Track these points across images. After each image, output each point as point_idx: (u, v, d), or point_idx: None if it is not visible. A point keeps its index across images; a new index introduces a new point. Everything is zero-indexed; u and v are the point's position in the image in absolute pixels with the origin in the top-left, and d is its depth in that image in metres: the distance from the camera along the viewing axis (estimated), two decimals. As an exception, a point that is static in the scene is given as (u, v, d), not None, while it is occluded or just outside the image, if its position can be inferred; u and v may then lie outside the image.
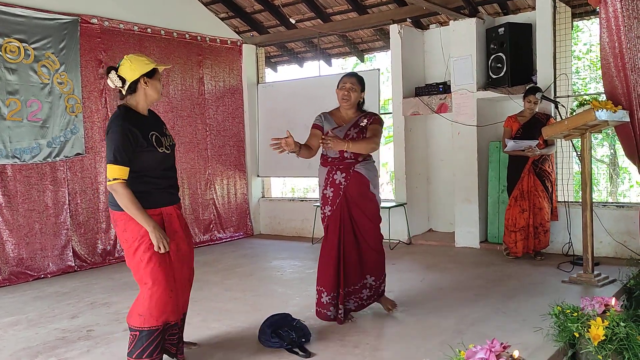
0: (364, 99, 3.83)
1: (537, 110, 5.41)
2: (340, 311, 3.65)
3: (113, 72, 2.90)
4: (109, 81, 2.93)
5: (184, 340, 3.23)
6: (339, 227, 3.67)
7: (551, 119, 5.39)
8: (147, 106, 3.02)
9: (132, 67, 2.89)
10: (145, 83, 2.93)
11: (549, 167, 5.39)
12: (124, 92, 2.94)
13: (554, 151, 5.42)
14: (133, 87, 2.92)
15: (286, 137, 3.40)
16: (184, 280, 3.06)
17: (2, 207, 5.29)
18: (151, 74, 2.94)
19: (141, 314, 2.85)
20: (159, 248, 2.81)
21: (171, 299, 2.89)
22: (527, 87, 5.50)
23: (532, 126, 5.35)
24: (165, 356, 3.03)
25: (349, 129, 3.69)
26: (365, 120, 3.71)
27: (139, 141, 2.85)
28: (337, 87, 3.75)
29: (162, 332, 2.90)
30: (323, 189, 3.73)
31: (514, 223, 5.38)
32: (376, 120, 3.74)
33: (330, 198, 3.70)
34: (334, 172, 3.70)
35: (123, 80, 2.90)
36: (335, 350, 3.18)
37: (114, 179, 2.78)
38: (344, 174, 3.68)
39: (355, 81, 3.73)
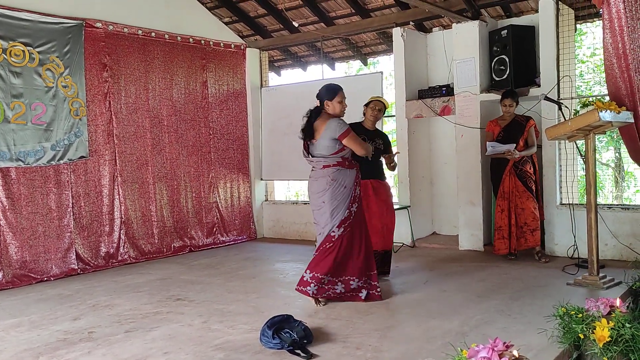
0: None
1: (515, 113, 5.55)
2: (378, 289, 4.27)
3: None
4: None
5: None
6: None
7: (531, 120, 5.53)
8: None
9: None
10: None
11: (530, 169, 5.47)
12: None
13: (533, 152, 5.51)
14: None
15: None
16: (374, 226, 4.63)
17: (6, 209, 5.31)
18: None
19: None
20: None
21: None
22: (502, 92, 5.63)
23: (512, 129, 5.50)
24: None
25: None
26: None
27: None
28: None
29: None
30: (353, 190, 4.16)
31: (496, 222, 5.55)
32: None
33: (358, 196, 4.23)
34: (358, 172, 4.28)
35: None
36: (337, 352, 3.16)
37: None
38: (357, 173, 4.31)
39: None
